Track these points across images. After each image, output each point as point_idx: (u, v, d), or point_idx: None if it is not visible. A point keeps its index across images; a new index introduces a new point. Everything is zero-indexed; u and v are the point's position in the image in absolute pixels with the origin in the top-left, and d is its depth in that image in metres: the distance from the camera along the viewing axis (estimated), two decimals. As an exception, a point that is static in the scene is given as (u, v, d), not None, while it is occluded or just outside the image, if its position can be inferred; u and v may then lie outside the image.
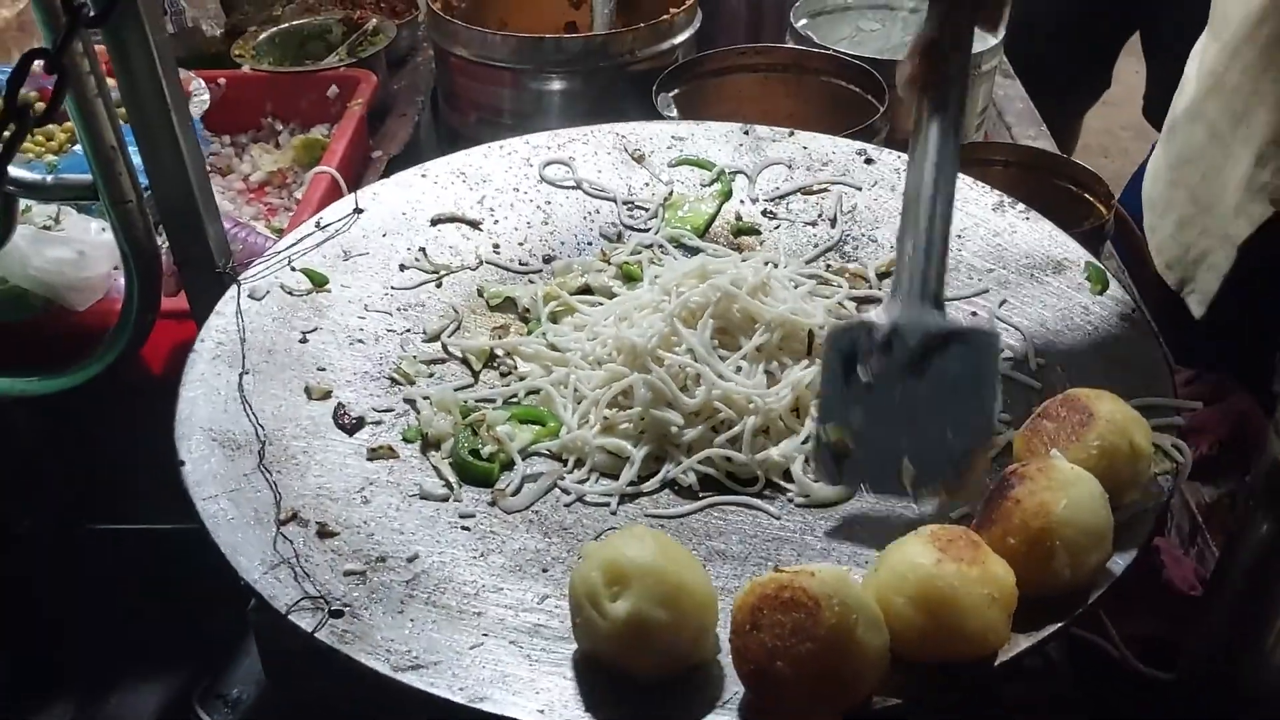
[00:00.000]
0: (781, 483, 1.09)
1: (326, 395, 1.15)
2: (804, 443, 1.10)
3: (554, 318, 1.28)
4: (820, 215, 1.41)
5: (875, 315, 1.07)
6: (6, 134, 0.91)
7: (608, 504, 1.07)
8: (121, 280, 1.26)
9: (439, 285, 1.32)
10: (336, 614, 0.91)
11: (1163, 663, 1.16)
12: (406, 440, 1.13)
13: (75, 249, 1.31)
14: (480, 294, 1.32)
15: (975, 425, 1.01)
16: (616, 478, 1.09)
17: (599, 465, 1.11)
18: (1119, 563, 0.94)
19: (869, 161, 1.46)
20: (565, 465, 1.12)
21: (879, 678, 0.84)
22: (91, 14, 1.02)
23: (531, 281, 1.34)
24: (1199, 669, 1.10)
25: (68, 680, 1.32)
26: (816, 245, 1.38)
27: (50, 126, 1.62)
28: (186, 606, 1.26)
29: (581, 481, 1.09)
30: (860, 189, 1.43)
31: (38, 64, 0.96)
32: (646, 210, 1.43)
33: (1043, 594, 0.90)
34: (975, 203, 1.38)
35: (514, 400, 1.18)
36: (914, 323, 1.03)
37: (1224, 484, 1.35)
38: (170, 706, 1.27)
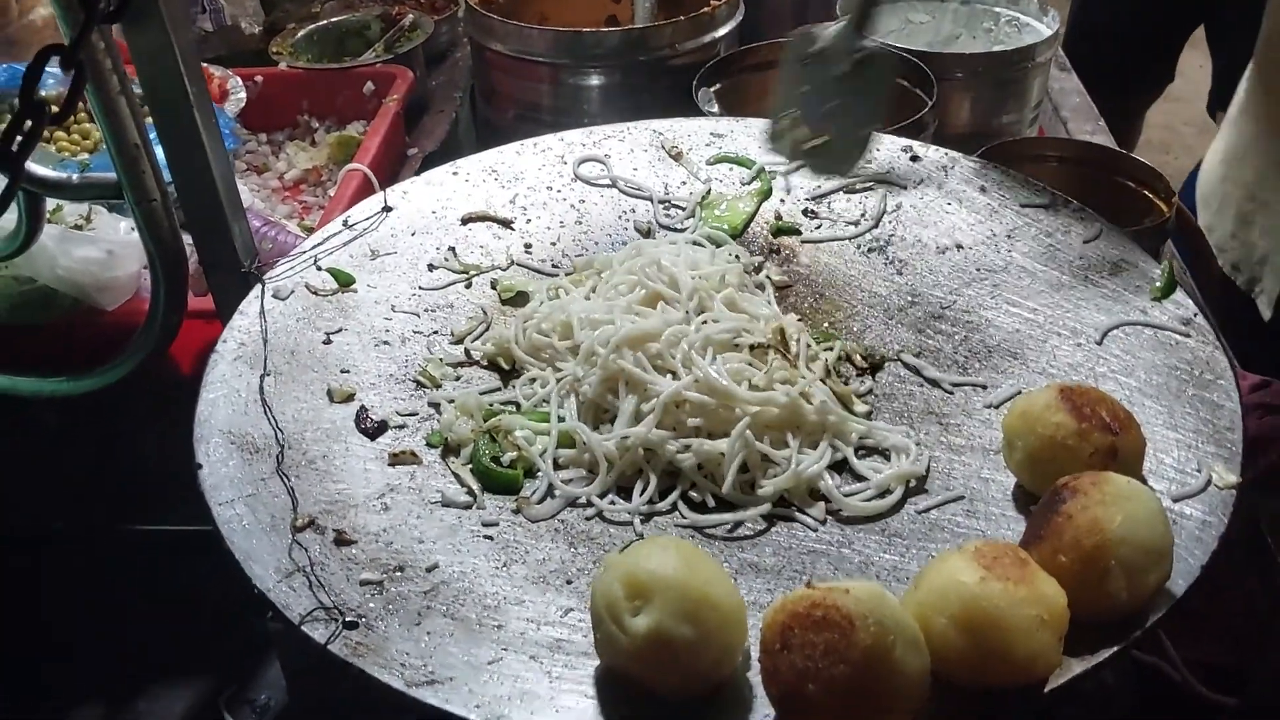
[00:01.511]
0: (800, 507, 1.02)
1: (349, 398, 1.12)
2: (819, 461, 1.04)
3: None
4: (863, 215, 1.36)
5: (823, 32, 1.31)
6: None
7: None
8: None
9: (468, 286, 1.28)
10: (351, 625, 0.88)
11: (1229, 688, 1.10)
12: (430, 445, 1.09)
13: (103, 248, 1.29)
14: (493, 286, 1.28)
15: (861, 130, 1.30)
16: (641, 490, 1.04)
17: (621, 479, 1.05)
18: (1180, 583, 0.88)
19: (914, 159, 1.41)
20: (593, 473, 1.07)
21: (918, 703, 0.79)
22: (110, 9, 1.00)
23: (558, 282, 1.30)
24: (1267, 695, 1.04)
25: (96, 682, 1.31)
26: (859, 246, 1.32)
27: (86, 125, 1.62)
28: (215, 609, 1.24)
29: (603, 494, 1.04)
30: (905, 187, 1.37)
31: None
32: (683, 209, 1.39)
33: (1097, 616, 0.84)
34: (1026, 200, 1.32)
35: (541, 404, 1.14)
36: (846, 42, 1.28)
37: (1294, 497, 1.28)
38: (197, 711, 1.25)
